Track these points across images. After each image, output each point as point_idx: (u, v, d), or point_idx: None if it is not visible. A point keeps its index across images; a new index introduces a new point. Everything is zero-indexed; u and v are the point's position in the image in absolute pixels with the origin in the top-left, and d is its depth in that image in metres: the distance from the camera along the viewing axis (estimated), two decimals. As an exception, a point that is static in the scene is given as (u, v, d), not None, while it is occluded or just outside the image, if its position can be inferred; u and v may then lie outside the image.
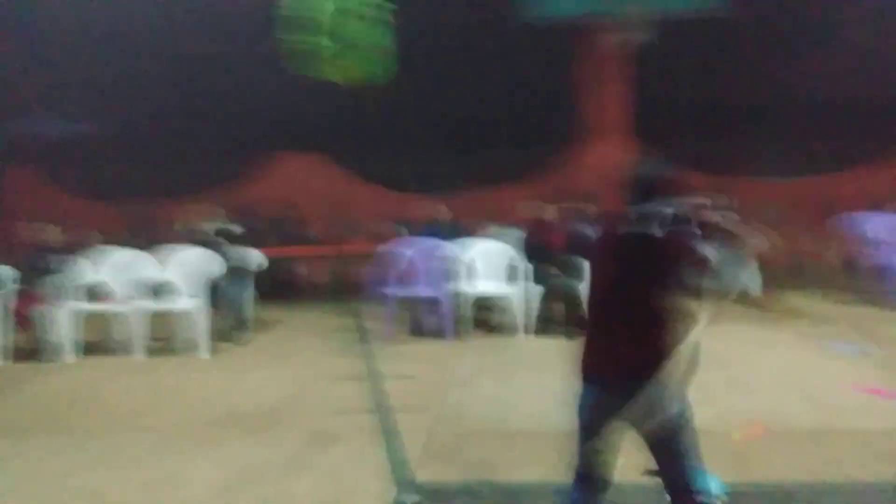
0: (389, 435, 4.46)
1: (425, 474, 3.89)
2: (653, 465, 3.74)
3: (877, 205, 10.00)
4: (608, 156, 9.20)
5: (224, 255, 7.11)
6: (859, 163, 10.76)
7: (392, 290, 7.01)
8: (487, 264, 7.41)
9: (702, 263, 2.53)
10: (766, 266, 8.45)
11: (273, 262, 8.44)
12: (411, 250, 7.34)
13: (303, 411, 5.02)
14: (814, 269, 10.26)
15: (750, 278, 8.02)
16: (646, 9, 8.11)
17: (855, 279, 8.84)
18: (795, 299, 8.29)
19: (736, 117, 10.92)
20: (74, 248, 7.24)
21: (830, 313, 7.51)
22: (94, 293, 6.98)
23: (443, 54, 10.33)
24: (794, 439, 4.16)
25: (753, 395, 4.98)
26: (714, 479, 3.55)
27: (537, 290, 7.02)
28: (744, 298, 8.02)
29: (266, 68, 10.59)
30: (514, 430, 4.53)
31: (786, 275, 9.58)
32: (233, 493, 3.74)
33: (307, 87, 10.75)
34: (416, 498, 3.61)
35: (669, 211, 2.62)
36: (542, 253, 7.14)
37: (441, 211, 7.85)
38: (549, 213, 7.38)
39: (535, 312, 7.03)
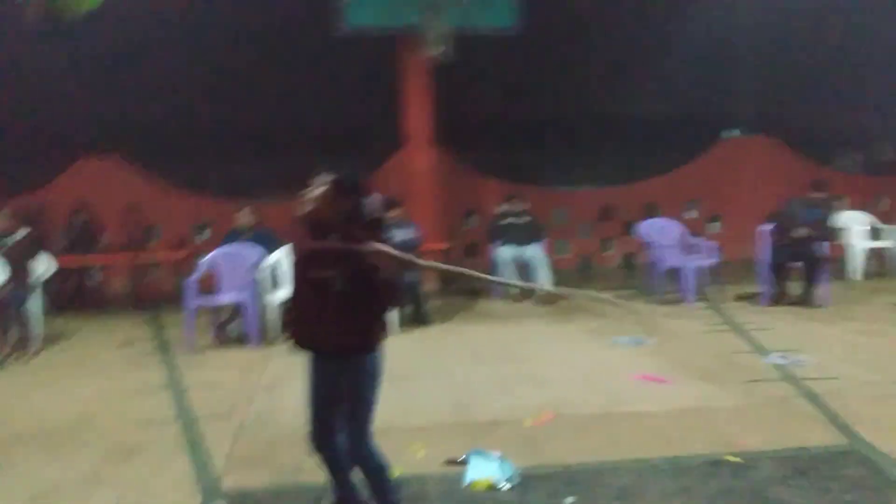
0: (194, 444, 4.37)
1: (231, 480, 3.87)
2: (454, 455, 4.00)
3: (650, 211, 11.09)
4: (416, 164, 9.48)
5: (5, 261, 6.58)
6: (637, 174, 11.81)
7: (195, 298, 6.81)
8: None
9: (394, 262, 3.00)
10: (556, 267, 9.15)
11: (66, 270, 7.92)
12: (214, 256, 7.18)
13: (101, 426, 4.78)
14: (598, 269, 11.17)
15: (543, 278, 8.64)
16: (446, 25, 8.43)
17: (633, 277, 9.75)
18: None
19: (530, 130, 11.67)
20: None
21: (612, 308, 8.20)
22: None
23: (256, 60, 10.24)
24: (579, 423, 4.55)
25: (544, 386, 5.36)
26: (506, 463, 3.85)
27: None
28: (537, 297, 8.62)
29: (61, 68, 10.00)
30: (321, 431, 4.58)
31: (573, 274, 10.38)
32: (22, 516, 3.53)
33: (107, 88, 10.26)
34: (222, 503, 3.59)
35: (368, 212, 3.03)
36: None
37: (246, 216, 7.71)
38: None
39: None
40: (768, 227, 8.21)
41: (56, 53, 9.75)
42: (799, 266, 7.94)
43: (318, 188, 3.04)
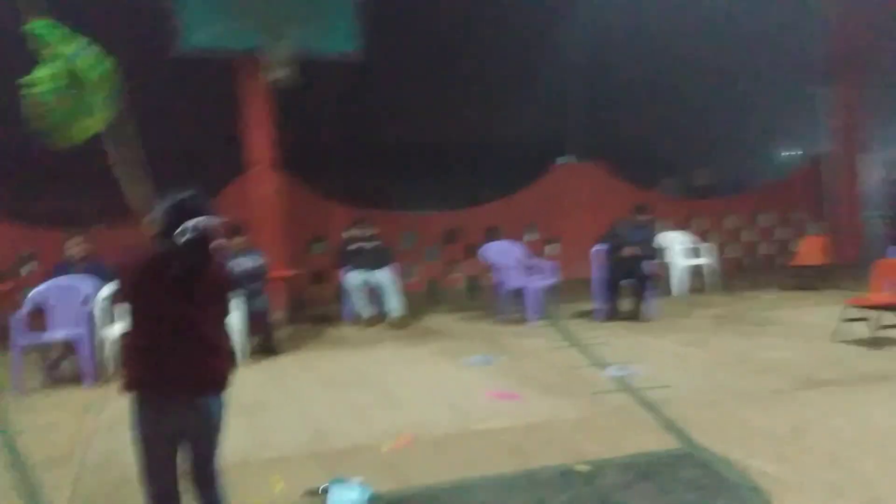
0: (30, 493, 4.05)
1: (74, 529, 3.63)
2: (314, 485, 3.94)
3: (492, 234, 11.47)
4: (259, 189, 9.31)
5: None
6: (480, 198, 12.19)
7: (22, 335, 6.31)
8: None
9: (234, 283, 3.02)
10: (406, 291, 9.26)
11: None
12: (43, 289, 6.70)
13: (-86, 481, 4.33)
14: (445, 292, 11.40)
15: (393, 302, 8.71)
16: (286, 49, 8.38)
17: (478, 298, 10.02)
18: (432, 319, 9.12)
19: (377, 155, 11.78)
20: None
21: (462, 330, 8.41)
22: None
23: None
24: (437, 444, 4.62)
25: (400, 409, 5.41)
26: (366, 488, 3.85)
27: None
28: (387, 322, 8.69)
29: None
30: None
31: (422, 297, 10.53)
32: None
33: None
34: (65, 555, 3.35)
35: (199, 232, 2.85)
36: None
37: (76, 245, 7.25)
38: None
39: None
40: (601, 247, 8.71)
41: None
42: (629, 283, 8.49)
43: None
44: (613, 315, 8.47)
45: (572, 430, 4.78)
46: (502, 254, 9.15)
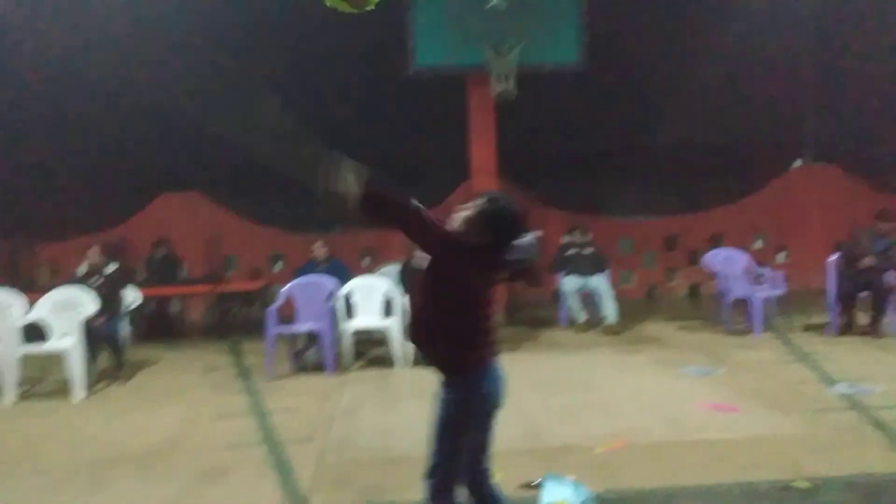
0: (280, 466, 4.62)
1: (318, 500, 4.09)
2: (529, 479, 4.14)
3: (715, 241, 11.10)
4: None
5: (98, 294, 7.01)
6: (702, 204, 11.83)
7: (272, 326, 7.13)
8: (365, 298, 7.67)
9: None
10: (621, 297, 9.24)
11: (148, 300, 8.35)
12: (291, 286, 7.50)
13: (190, 448, 5.08)
14: (663, 299, 11.20)
15: (608, 309, 8.73)
16: (511, 63, 8.72)
17: (699, 307, 9.74)
18: (648, 326, 9.02)
19: (594, 161, 11.79)
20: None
21: (680, 338, 8.26)
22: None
23: (328, 99, 10.68)
24: (650, 450, 4.65)
25: (613, 414, 5.48)
26: (580, 487, 3.98)
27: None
28: (602, 327, 8.73)
29: (142, 107, 10.62)
30: (398, 455, 4.77)
31: (638, 304, 10.42)
32: (127, 529, 3.80)
33: (184, 127, 10.82)
34: (311, 522, 3.82)
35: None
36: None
37: (320, 248, 8.04)
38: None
39: (412, 344, 7.33)
40: (837, 256, 8.16)
41: (133, 98, 10.38)
42: (867, 296, 7.88)
43: (467, 210, 2.96)
44: (848, 329, 7.90)
45: (793, 446, 4.60)
46: (728, 262, 8.83)
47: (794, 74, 11.79)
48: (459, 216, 2.95)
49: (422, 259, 2.97)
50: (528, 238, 2.96)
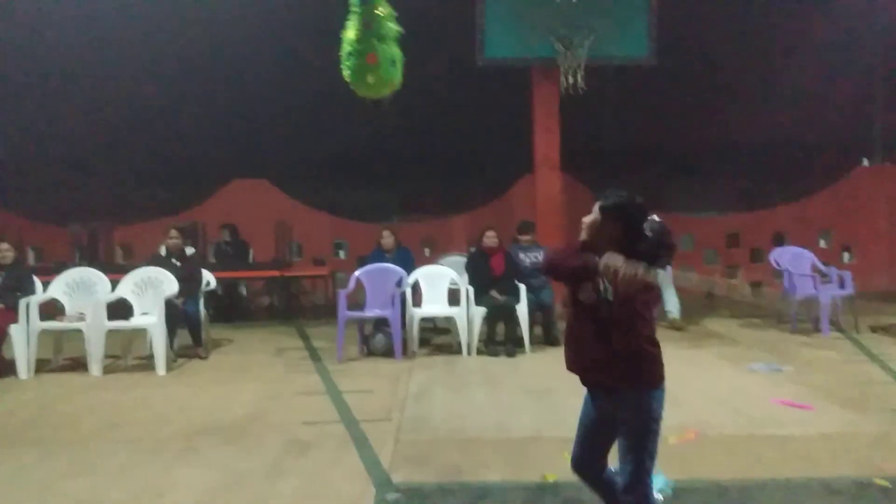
0: (359, 442, 4.79)
1: (400, 476, 4.23)
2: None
3: (777, 239, 11.00)
4: (544, 188, 9.78)
5: (178, 274, 7.29)
6: (765, 201, 11.73)
7: (343, 311, 7.32)
8: (431, 287, 7.83)
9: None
10: (683, 292, 9.23)
11: (217, 283, 8.62)
12: (361, 272, 7.69)
13: (272, 422, 5.29)
14: (724, 296, 11.13)
15: (671, 303, 8.74)
16: (580, 56, 8.76)
17: (760, 305, 9.68)
18: (711, 322, 9.01)
19: (658, 157, 11.79)
20: (27, 265, 7.30)
21: (744, 335, 8.24)
22: (47, 311, 7.05)
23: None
24: (723, 443, 4.70)
25: (682, 406, 5.50)
26: (660, 475, 4.06)
27: (480, 311, 7.46)
28: (665, 322, 8.74)
29: (214, 97, 10.97)
30: (472, 437, 4.91)
31: (699, 300, 10.39)
32: (220, 497, 3.97)
33: (260, 118, 11.15)
34: (396, 495, 3.96)
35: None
36: (484, 276, 7.62)
37: (388, 237, 8.20)
38: (490, 239, 7.83)
39: (477, 332, 7.47)
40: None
41: (211, 89, 10.71)
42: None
43: (590, 216, 2.92)
44: (919, 331, 7.81)
45: (869, 445, 4.60)
46: (794, 260, 8.76)
47: (863, 74, 11.62)
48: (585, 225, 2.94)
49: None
50: (653, 219, 2.93)
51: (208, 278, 7.83)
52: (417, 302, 7.69)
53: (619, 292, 2.79)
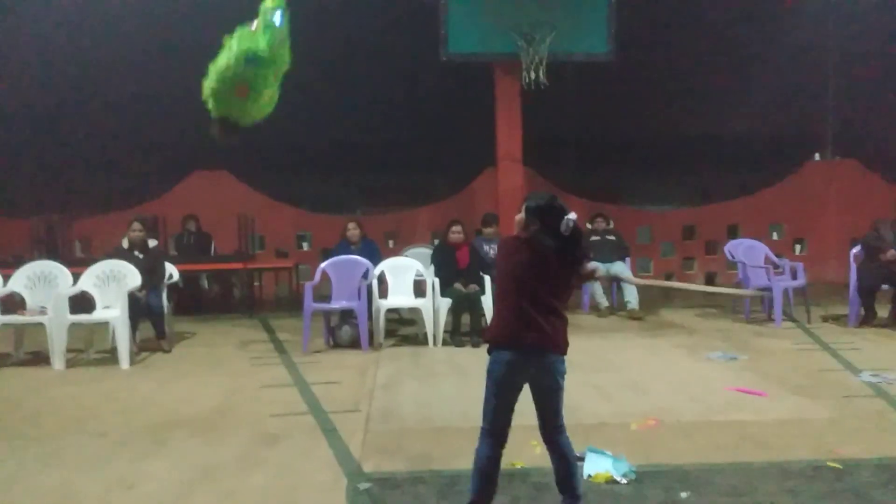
0: (329, 433, 4.84)
1: (371, 466, 4.30)
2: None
3: (732, 231, 11.29)
4: (506, 182, 9.89)
5: (140, 267, 7.23)
6: (719, 195, 12.02)
7: (309, 303, 7.34)
8: (397, 278, 7.90)
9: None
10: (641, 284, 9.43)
11: (180, 275, 8.58)
12: (327, 264, 7.72)
13: (240, 415, 5.31)
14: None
15: (630, 294, 8.94)
16: (541, 52, 8.89)
17: (715, 296, 9.94)
18: (668, 313, 9.23)
19: (617, 151, 12.00)
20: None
21: (701, 325, 8.47)
22: (7, 305, 6.96)
23: (356, 84, 10.88)
24: (682, 429, 4.86)
25: (644, 394, 5.69)
26: (623, 461, 4.20)
27: (445, 303, 7.55)
28: (625, 312, 8.94)
29: (174, 87, 10.81)
30: (441, 426, 5.00)
31: (657, 292, 10.61)
32: (193, 489, 3.99)
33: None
34: (368, 484, 4.03)
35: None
36: (449, 268, 7.71)
37: (354, 228, 8.23)
38: (456, 235, 7.92)
39: (443, 323, 7.56)
40: (858, 249, 8.34)
41: (170, 79, 10.58)
42: (888, 289, 8.06)
43: (519, 214, 3.50)
44: (868, 321, 8.10)
45: (822, 430, 4.80)
46: (749, 252, 9.01)
47: (815, 68, 11.95)
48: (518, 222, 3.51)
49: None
50: (569, 216, 3.41)
51: (171, 271, 7.78)
52: (383, 293, 7.75)
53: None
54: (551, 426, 3.61)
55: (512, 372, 3.45)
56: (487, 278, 7.65)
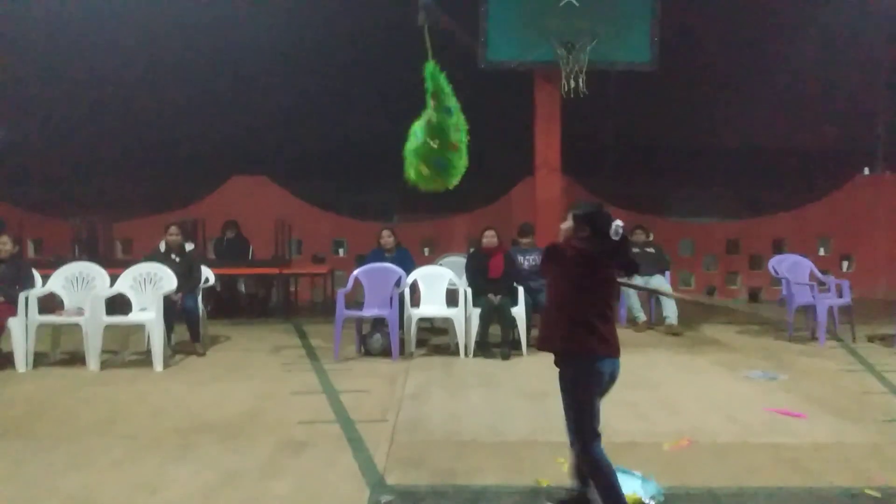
0: (354, 443, 4.80)
1: (394, 478, 4.25)
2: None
3: (777, 246, 11.02)
4: (545, 192, 9.79)
5: (177, 270, 7.30)
6: (765, 208, 11.76)
7: (341, 310, 7.33)
8: (430, 287, 7.85)
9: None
10: (681, 299, 9.25)
11: (217, 279, 8.66)
12: (360, 271, 7.70)
13: (267, 421, 5.30)
14: (723, 302, 11.15)
15: (670, 309, 8.76)
16: (581, 61, 8.79)
17: (759, 312, 9.70)
18: (709, 329, 9.03)
19: (658, 162, 11.82)
20: (26, 259, 7.31)
21: (741, 342, 8.26)
22: (46, 305, 7.07)
23: (392, 91, 10.87)
24: (716, 451, 4.72)
25: (678, 413, 5.54)
26: (651, 482, 4.08)
27: (476, 313, 7.47)
28: (663, 327, 8.76)
29: (215, 94, 10.99)
30: (468, 439, 4.92)
31: (698, 306, 10.41)
32: (216, 495, 3.98)
33: (260, 114, 11.17)
34: (389, 497, 3.98)
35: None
36: (481, 277, 7.64)
37: (388, 236, 8.21)
38: (489, 238, 7.84)
39: (474, 334, 7.49)
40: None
41: (212, 86, 10.74)
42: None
43: (566, 222, 3.61)
44: (916, 342, 7.83)
45: (862, 455, 4.62)
46: (793, 268, 8.76)
47: (866, 83, 11.64)
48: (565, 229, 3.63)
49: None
50: (617, 222, 3.51)
51: (207, 275, 7.84)
52: (415, 302, 7.70)
53: None
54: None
55: (604, 378, 3.58)
56: (521, 289, 7.55)
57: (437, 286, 7.83)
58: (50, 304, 7.26)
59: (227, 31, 9.62)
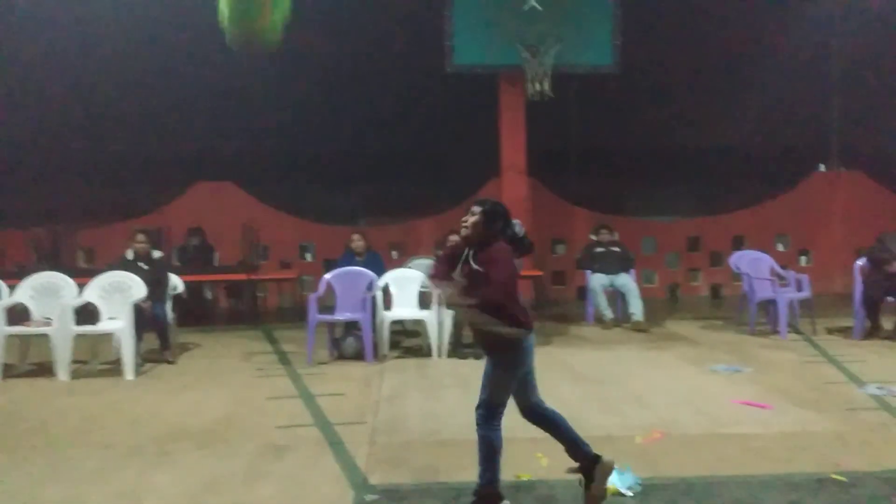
0: (335, 445, 4.84)
1: (377, 478, 4.30)
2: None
3: (737, 242, 11.29)
4: (510, 193, 9.89)
5: (145, 278, 7.25)
6: (724, 206, 12.03)
7: (314, 314, 7.34)
8: (401, 290, 7.90)
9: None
10: (644, 296, 9.43)
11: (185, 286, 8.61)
12: (332, 275, 7.73)
13: (246, 426, 5.31)
14: (685, 299, 11.39)
15: (635, 306, 8.94)
16: (546, 64, 8.93)
17: (720, 307, 9.94)
18: (673, 325, 9.22)
19: (621, 162, 12.02)
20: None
21: (705, 337, 8.46)
22: (12, 315, 6.97)
23: (361, 95, 10.94)
24: (687, 442, 4.86)
25: (648, 407, 5.68)
26: (628, 473, 4.20)
27: (449, 315, 7.54)
28: (629, 324, 8.93)
29: (178, 99, 10.88)
30: (447, 439, 4.99)
31: (662, 303, 10.63)
32: (200, 502, 3.99)
33: (223, 119, 11.10)
34: (374, 496, 4.03)
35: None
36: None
37: (358, 240, 8.24)
38: (453, 240, 7.91)
39: (446, 336, 7.56)
40: (863, 261, 8.33)
41: (174, 91, 10.65)
42: (892, 301, 8.05)
43: (473, 216, 3.79)
44: (873, 334, 8.08)
45: (827, 443, 4.79)
46: (754, 263, 8.99)
47: (819, 79, 11.97)
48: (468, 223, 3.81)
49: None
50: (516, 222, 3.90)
51: (175, 282, 7.80)
52: (388, 305, 7.75)
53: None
54: (538, 396, 4.03)
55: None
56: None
57: (409, 289, 7.88)
58: (16, 315, 7.15)
59: (191, 38, 9.56)
